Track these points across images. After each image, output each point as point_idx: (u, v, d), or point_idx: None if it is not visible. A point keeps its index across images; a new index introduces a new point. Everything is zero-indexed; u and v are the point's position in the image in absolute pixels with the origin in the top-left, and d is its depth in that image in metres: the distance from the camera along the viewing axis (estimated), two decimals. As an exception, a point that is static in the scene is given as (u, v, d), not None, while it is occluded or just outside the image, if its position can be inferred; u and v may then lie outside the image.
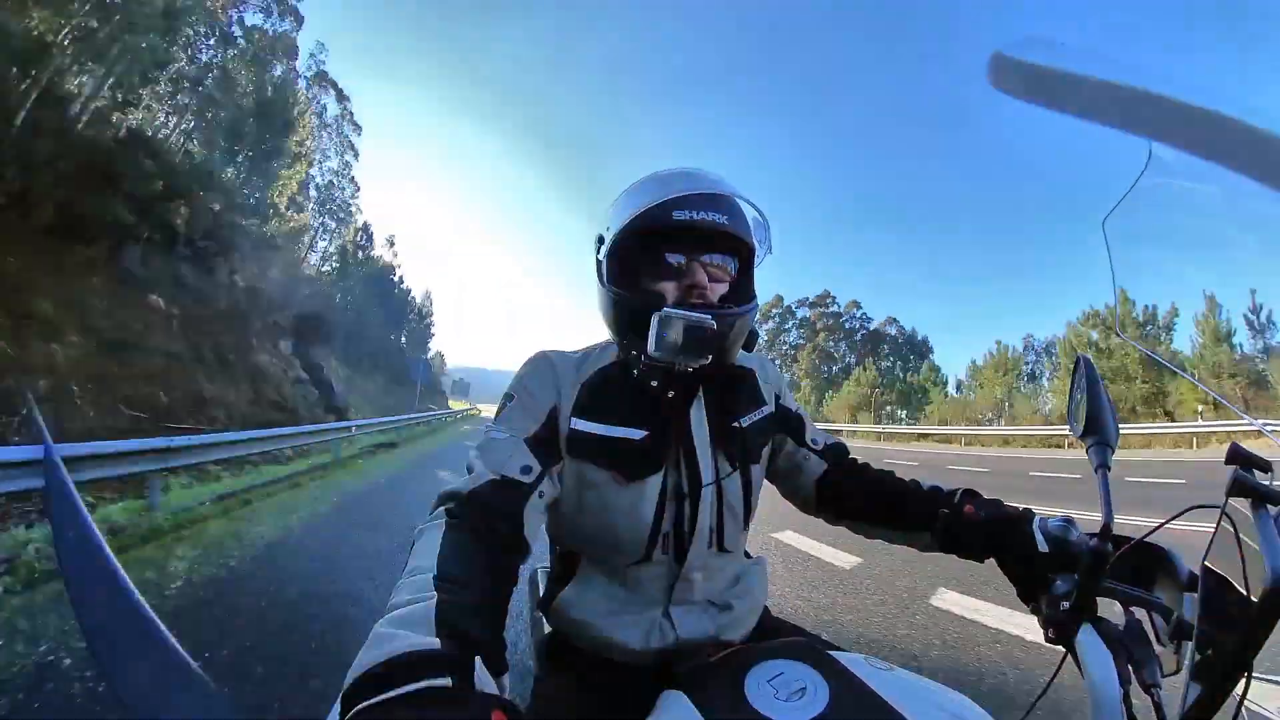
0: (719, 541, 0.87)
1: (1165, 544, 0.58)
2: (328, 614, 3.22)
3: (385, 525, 5.63)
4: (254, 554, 4.49)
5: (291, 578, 3.98)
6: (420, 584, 0.56)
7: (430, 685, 0.43)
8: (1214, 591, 0.45)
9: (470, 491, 0.73)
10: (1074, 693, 0.53)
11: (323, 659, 2.65)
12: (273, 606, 3.37)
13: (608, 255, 0.83)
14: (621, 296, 0.81)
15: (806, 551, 4.72)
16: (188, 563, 4.10)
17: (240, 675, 2.44)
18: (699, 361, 0.78)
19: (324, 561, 4.49)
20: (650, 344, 0.74)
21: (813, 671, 0.67)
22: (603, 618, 0.84)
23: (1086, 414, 0.67)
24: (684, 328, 0.73)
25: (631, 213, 0.78)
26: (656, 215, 0.78)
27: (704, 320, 0.73)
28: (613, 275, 0.84)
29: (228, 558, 4.32)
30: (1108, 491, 0.60)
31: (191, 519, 5.46)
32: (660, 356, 0.75)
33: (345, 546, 4.95)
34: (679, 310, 0.74)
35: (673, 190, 0.78)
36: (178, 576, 3.76)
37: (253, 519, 5.78)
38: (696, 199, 0.78)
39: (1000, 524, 0.78)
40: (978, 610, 3.32)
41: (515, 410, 0.85)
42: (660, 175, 0.84)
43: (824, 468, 1.02)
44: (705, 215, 0.78)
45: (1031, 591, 0.69)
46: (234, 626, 2.98)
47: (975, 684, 2.43)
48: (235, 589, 3.64)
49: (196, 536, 4.94)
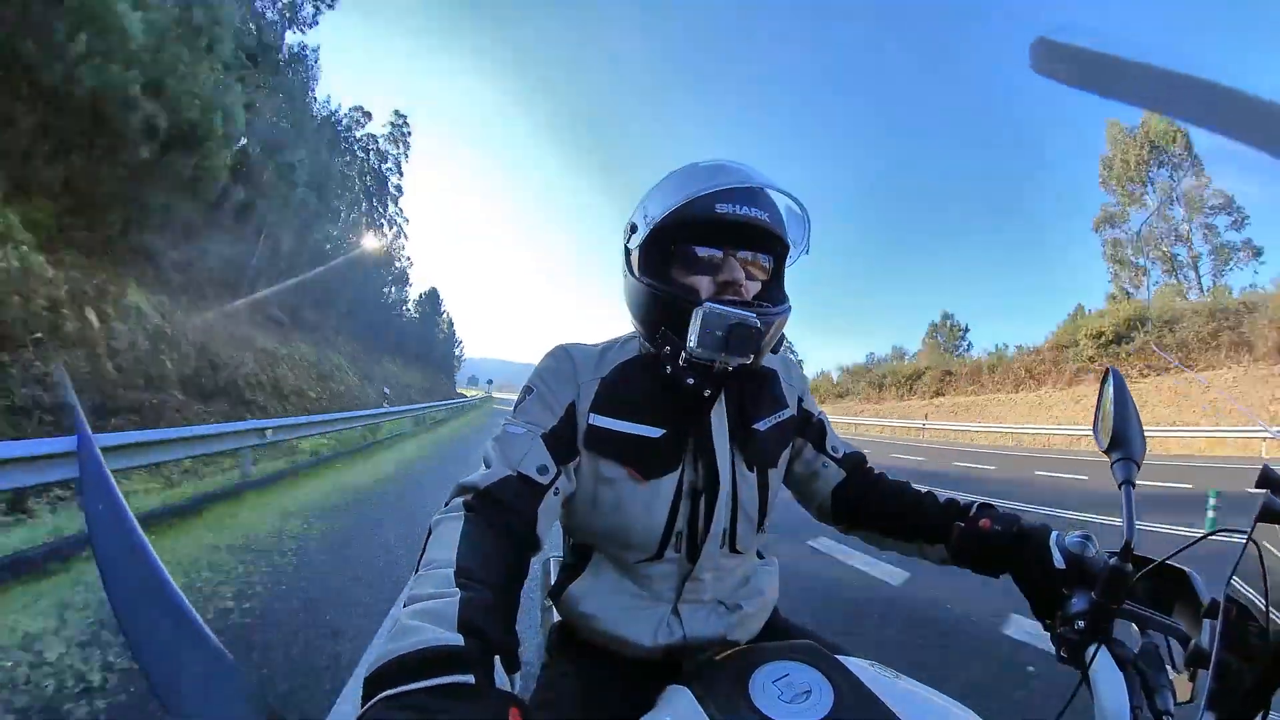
0: (732, 542, 0.87)
1: (1186, 566, 0.56)
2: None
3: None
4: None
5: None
6: (441, 578, 0.58)
7: (454, 681, 0.45)
8: (1235, 620, 0.44)
9: (487, 487, 0.74)
10: (1082, 717, 0.52)
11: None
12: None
13: (641, 245, 0.81)
14: (657, 289, 0.79)
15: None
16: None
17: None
18: (741, 360, 0.77)
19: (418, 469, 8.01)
20: (692, 340, 0.73)
21: (818, 675, 0.67)
22: (612, 612, 0.85)
23: (1113, 428, 0.65)
24: (730, 325, 0.72)
25: (673, 203, 0.76)
26: (699, 207, 0.76)
27: (749, 318, 0.72)
28: (644, 266, 0.82)
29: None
30: (1131, 508, 0.58)
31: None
32: (703, 353, 0.74)
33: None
34: (724, 306, 0.73)
35: (716, 183, 0.76)
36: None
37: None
38: (740, 193, 0.77)
39: (1016, 538, 0.76)
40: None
41: (534, 404, 0.85)
42: (702, 166, 0.82)
43: (842, 476, 1.00)
44: (748, 210, 0.77)
45: (1046, 608, 0.68)
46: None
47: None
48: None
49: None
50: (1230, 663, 0.42)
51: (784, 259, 0.86)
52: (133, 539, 0.46)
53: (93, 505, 0.48)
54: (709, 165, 0.82)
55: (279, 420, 8.68)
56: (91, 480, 0.52)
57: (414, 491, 7.13)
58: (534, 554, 0.75)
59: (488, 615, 0.54)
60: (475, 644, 0.49)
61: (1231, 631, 0.43)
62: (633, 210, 0.86)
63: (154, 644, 0.37)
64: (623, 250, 0.87)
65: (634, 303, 0.85)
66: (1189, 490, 7.84)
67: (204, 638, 0.38)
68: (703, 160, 0.84)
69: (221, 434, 6.82)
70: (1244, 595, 0.43)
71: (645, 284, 0.80)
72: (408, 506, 6.17)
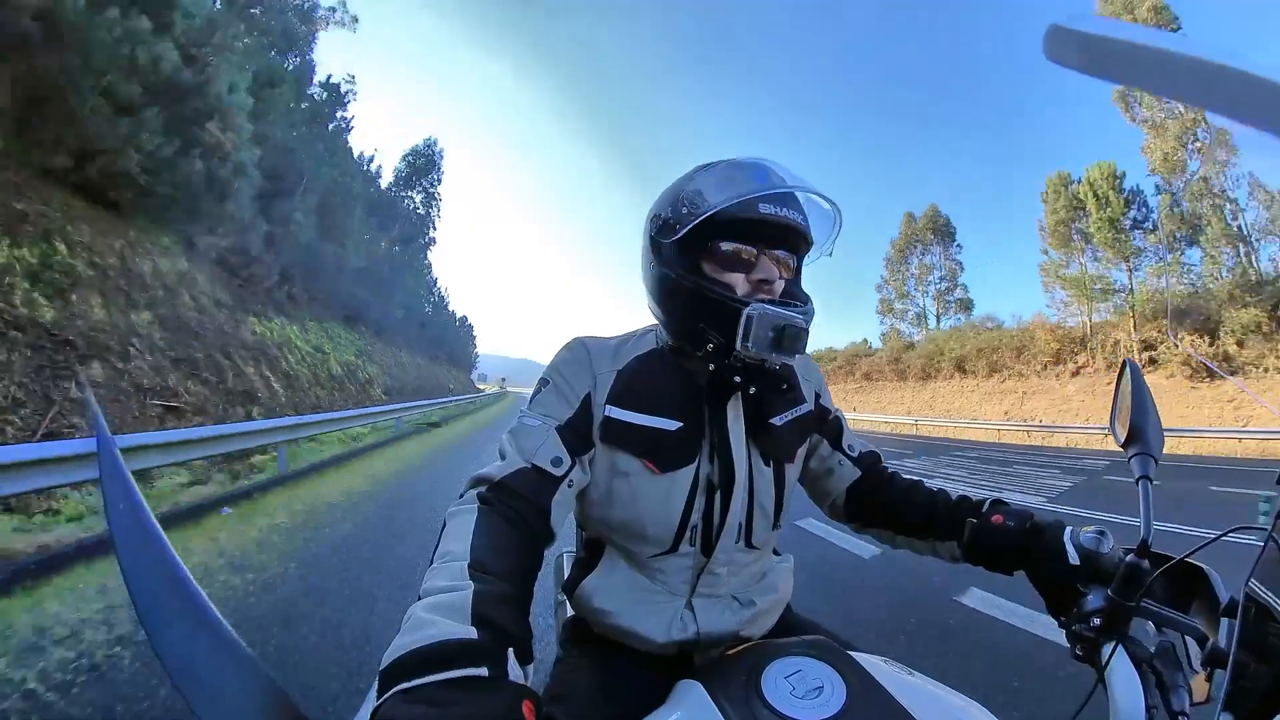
0: (748, 537, 0.87)
1: (1205, 565, 0.55)
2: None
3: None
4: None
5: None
6: (455, 571, 0.59)
7: (469, 674, 0.46)
8: (1253, 620, 0.43)
9: (502, 479, 0.75)
10: (1096, 714, 0.52)
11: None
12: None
13: (676, 240, 0.81)
14: (702, 286, 0.79)
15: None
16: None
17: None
18: (788, 359, 0.79)
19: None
20: (741, 339, 0.74)
21: (831, 671, 0.67)
22: (625, 607, 0.86)
23: (1131, 422, 0.64)
24: (781, 326, 0.73)
25: (720, 201, 0.76)
26: (743, 206, 0.76)
27: (797, 320, 0.74)
28: (672, 259, 0.82)
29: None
30: (1149, 504, 0.57)
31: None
32: (755, 353, 0.75)
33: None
34: (772, 308, 0.74)
35: (766, 185, 0.77)
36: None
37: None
38: (781, 195, 0.78)
39: (1030, 534, 0.76)
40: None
41: (550, 396, 0.86)
42: (742, 165, 0.82)
43: (857, 475, 1.00)
44: (788, 213, 0.78)
45: (1061, 605, 0.67)
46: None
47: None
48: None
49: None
50: (1248, 663, 0.42)
51: (804, 256, 0.87)
52: (153, 539, 0.47)
53: (114, 506, 0.49)
54: (751, 165, 0.81)
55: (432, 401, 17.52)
56: (111, 480, 0.53)
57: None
58: (548, 546, 0.76)
59: (501, 608, 0.55)
60: (489, 636, 0.50)
61: (1250, 632, 0.43)
62: (657, 202, 0.86)
63: (177, 643, 0.38)
64: (647, 242, 0.86)
65: (667, 297, 0.84)
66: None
67: (226, 637, 0.39)
68: (740, 157, 0.84)
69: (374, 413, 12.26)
70: (1263, 595, 0.43)
71: (687, 280, 0.79)
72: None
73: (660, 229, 0.83)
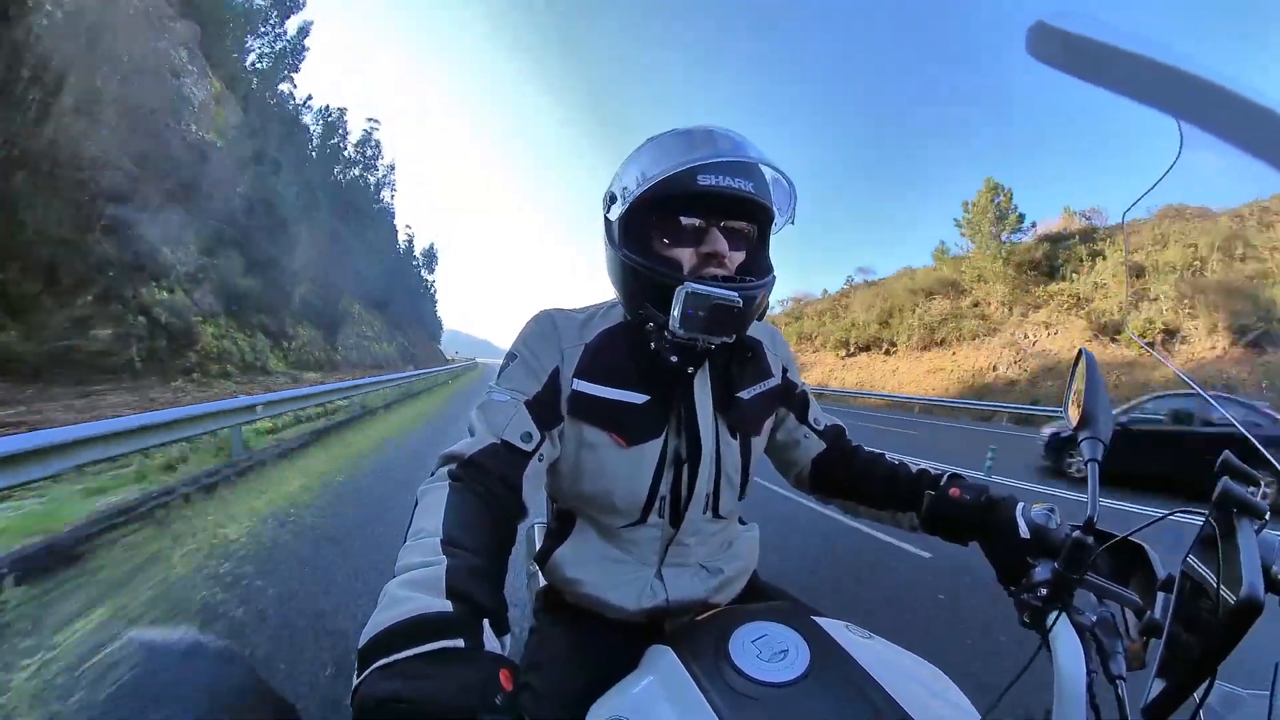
0: (715, 508, 0.89)
1: (1145, 542, 0.60)
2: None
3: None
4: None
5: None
6: (428, 547, 0.59)
7: (444, 646, 0.46)
8: (1188, 595, 0.47)
9: (472, 456, 0.74)
10: (1042, 677, 0.56)
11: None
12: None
13: (621, 216, 0.79)
14: (638, 264, 0.78)
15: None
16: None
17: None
18: (723, 339, 0.78)
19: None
20: (674, 320, 0.73)
21: (795, 635, 0.70)
22: (597, 577, 0.87)
23: (1084, 408, 0.67)
24: (711, 305, 0.71)
25: (654, 175, 0.74)
26: (680, 180, 0.74)
27: (731, 298, 0.72)
28: (624, 237, 0.81)
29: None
30: (1097, 485, 0.61)
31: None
32: (685, 333, 0.74)
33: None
34: (704, 286, 0.72)
35: (698, 154, 0.74)
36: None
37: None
38: (723, 165, 0.75)
39: (984, 509, 0.80)
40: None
41: (518, 370, 0.84)
42: (683, 135, 0.79)
43: (822, 448, 1.02)
44: (731, 182, 0.75)
45: (1011, 576, 0.72)
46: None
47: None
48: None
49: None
50: (1181, 634, 0.46)
51: (769, 226, 0.85)
52: None
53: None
54: (690, 134, 0.79)
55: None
56: None
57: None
58: (520, 520, 0.76)
59: (475, 581, 0.55)
60: (464, 609, 0.50)
61: (1185, 605, 0.47)
62: (612, 179, 0.84)
63: (158, 640, 0.37)
64: (604, 220, 0.84)
65: (615, 275, 0.83)
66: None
67: (216, 640, 0.38)
68: (684, 126, 0.81)
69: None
70: (1198, 572, 0.46)
71: (627, 258, 0.78)
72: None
73: (608, 206, 0.82)
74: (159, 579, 3.05)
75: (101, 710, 0.32)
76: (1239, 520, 0.45)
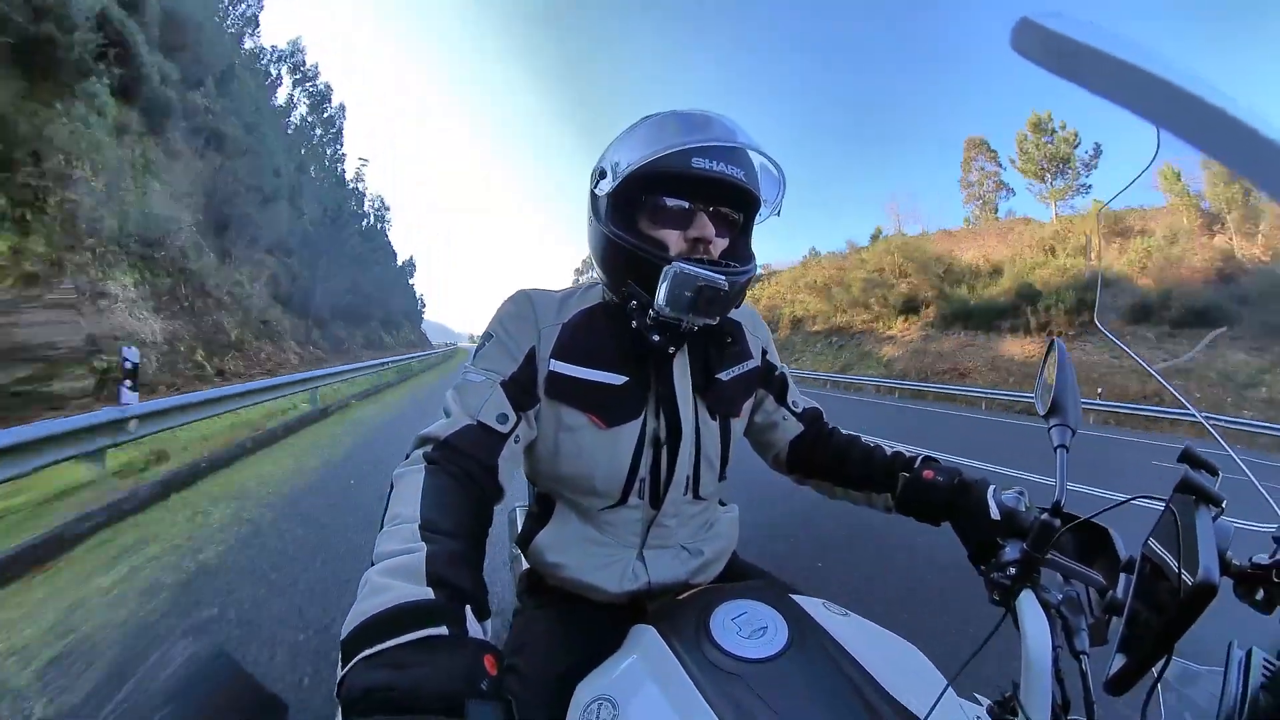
0: (695, 489, 0.89)
1: (1109, 525, 0.63)
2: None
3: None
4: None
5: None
6: (406, 533, 0.58)
7: (428, 634, 0.46)
8: (1148, 576, 0.50)
9: (447, 438, 0.73)
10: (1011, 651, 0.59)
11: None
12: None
13: (610, 192, 0.78)
14: (625, 241, 0.77)
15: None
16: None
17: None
18: (708, 321, 0.78)
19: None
20: (660, 299, 0.72)
21: (774, 612, 0.72)
22: (579, 560, 0.87)
23: (1054, 396, 0.70)
24: (699, 286, 0.71)
25: (648, 154, 0.73)
26: (673, 160, 0.73)
27: (718, 281, 0.72)
28: (611, 214, 0.79)
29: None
30: (1064, 470, 0.64)
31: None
32: (671, 313, 0.74)
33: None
34: (693, 267, 0.72)
35: (695, 136, 0.73)
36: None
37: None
38: (717, 149, 0.74)
39: (957, 490, 0.82)
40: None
41: (493, 350, 0.83)
42: (681, 116, 0.78)
43: (800, 429, 1.04)
44: (724, 167, 0.74)
45: (981, 555, 0.75)
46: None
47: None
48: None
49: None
50: (1141, 612, 0.49)
51: (753, 214, 0.85)
52: None
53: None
54: (688, 116, 0.78)
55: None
56: None
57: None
58: (497, 502, 0.76)
59: (455, 566, 0.55)
60: (445, 596, 0.50)
61: (1145, 585, 0.50)
62: (601, 154, 0.82)
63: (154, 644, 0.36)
64: (589, 196, 0.83)
65: (600, 252, 0.82)
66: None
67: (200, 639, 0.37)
68: (682, 109, 0.80)
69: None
70: (1157, 555, 0.49)
71: (614, 235, 0.77)
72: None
73: (596, 181, 0.81)
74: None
75: (102, 710, 0.32)
76: (1198, 507, 0.48)
